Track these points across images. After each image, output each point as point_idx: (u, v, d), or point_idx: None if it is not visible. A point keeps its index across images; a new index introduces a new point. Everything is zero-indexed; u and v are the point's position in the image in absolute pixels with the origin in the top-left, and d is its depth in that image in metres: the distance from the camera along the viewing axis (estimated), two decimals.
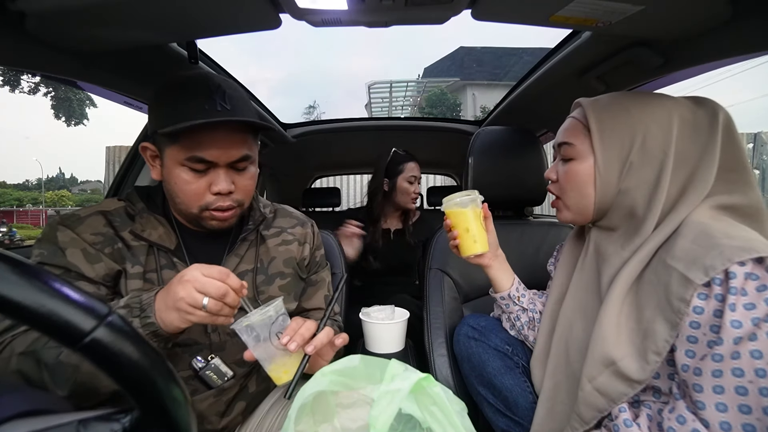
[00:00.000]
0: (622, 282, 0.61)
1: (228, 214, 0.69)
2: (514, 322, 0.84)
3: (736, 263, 0.49)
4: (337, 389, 0.51)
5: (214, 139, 0.63)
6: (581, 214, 0.70)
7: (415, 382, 0.44)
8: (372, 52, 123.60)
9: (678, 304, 0.53)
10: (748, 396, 0.47)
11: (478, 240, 0.77)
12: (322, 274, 0.89)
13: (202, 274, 0.54)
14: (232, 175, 0.67)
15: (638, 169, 0.62)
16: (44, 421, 0.29)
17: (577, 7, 0.64)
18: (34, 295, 0.25)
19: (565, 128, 0.71)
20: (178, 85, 0.66)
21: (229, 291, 0.55)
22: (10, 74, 11.73)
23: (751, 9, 0.62)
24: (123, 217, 0.69)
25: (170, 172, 0.66)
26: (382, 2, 0.65)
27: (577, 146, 0.67)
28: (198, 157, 0.63)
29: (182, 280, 0.54)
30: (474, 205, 0.77)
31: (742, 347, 0.47)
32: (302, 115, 21.50)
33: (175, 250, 0.70)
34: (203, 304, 0.53)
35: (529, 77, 1.22)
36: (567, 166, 0.69)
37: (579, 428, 0.63)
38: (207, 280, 0.54)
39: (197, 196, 0.66)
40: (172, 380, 0.30)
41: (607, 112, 0.65)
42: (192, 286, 0.54)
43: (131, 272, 0.66)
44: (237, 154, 0.66)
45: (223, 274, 0.56)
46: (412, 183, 1.63)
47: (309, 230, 0.87)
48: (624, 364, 0.57)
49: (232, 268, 0.73)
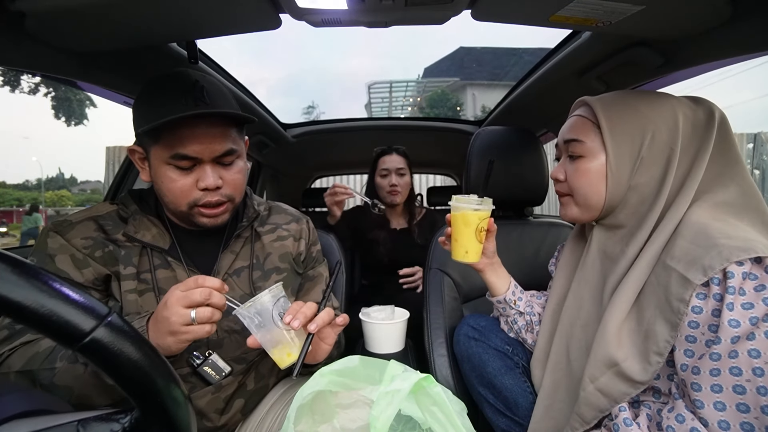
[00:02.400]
0: (631, 285, 0.60)
1: (218, 210, 0.69)
2: (512, 325, 0.84)
3: (734, 263, 0.49)
4: (336, 389, 0.51)
5: (194, 134, 0.63)
6: (589, 211, 0.69)
7: (415, 382, 0.44)
8: (372, 52, 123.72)
9: (677, 304, 0.53)
10: (746, 395, 0.47)
11: (470, 251, 0.75)
12: (319, 269, 0.89)
13: (180, 291, 0.55)
14: (219, 171, 0.67)
15: (648, 164, 0.63)
16: (44, 421, 0.29)
17: (577, 7, 0.64)
18: (34, 296, 0.25)
19: (571, 126, 0.70)
20: (155, 85, 0.66)
21: (212, 292, 0.55)
22: (10, 74, 11.73)
23: (751, 9, 0.62)
24: (115, 220, 0.70)
25: (157, 172, 0.66)
26: (382, 2, 0.65)
27: (587, 143, 0.66)
28: (181, 154, 0.63)
29: (165, 304, 0.55)
30: (481, 214, 0.74)
31: (740, 346, 0.48)
32: (302, 115, 21.51)
33: (170, 249, 0.70)
34: (192, 318, 0.53)
35: (529, 77, 1.22)
36: (577, 164, 0.68)
37: (579, 428, 0.63)
38: (187, 292, 0.54)
39: (184, 194, 0.66)
40: (172, 380, 0.30)
41: (616, 109, 0.65)
42: (177, 305, 0.53)
43: (124, 273, 0.66)
44: (220, 148, 0.66)
45: (199, 280, 0.56)
46: (385, 176, 1.60)
47: (304, 226, 0.87)
48: (627, 365, 0.57)
49: (227, 264, 0.73)
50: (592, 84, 0.99)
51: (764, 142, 6.77)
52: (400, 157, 1.60)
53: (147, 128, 0.60)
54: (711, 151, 0.59)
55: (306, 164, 2.40)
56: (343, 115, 4.23)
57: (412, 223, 1.65)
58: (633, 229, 0.64)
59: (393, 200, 1.60)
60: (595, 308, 0.67)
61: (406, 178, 1.61)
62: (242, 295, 0.73)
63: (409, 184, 1.64)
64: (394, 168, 1.58)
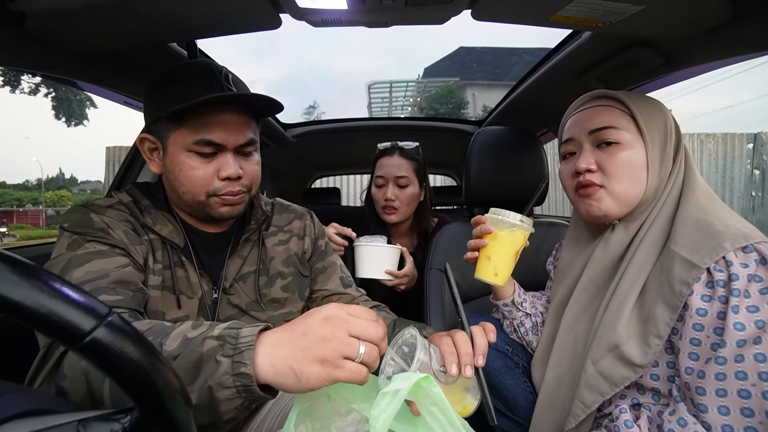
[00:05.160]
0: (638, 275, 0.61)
1: (237, 198, 0.67)
2: (517, 327, 0.83)
3: (735, 250, 0.51)
4: (333, 395, 0.51)
5: (221, 120, 0.62)
6: (626, 205, 0.65)
7: (415, 382, 0.44)
8: (372, 52, 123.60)
9: (680, 287, 0.53)
10: (751, 399, 0.47)
11: (501, 272, 0.70)
12: (329, 259, 0.86)
13: (349, 314, 0.43)
14: (239, 160, 0.66)
15: (667, 160, 0.64)
16: (44, 421, 0.29)
17: (577, 7, 0.64)
18: (34, 295, 0.25)
19: (598, 113, 0.66)
20: (180, 70, 0.65)
21: (385, 337, 0.44)
22: (10, 74, 11.72)
23: (751, 9, 0.62)
24: (135, 211, 0.67)
25: (175, 159, 0.64)
26: (382, 2, 0.65)
27: (623, 131, 0.64)
28: (206, 140, 0.62)
29: (326, 320, 0.42)
30: (527, 233, 0.69)
31: (746, 350, 0.48)
32: (302, 115, 21.51)
33: (184, 248, 0.68)
34: (360, 353, 0.41)
35: (529, 77, 1.22)
36: (614, 152, 0.64)
37: (581, 415, 0.62)
38: (359, 319, 0.43)
39: (204, 182, 0.64)
40: (173, 381, 0.30)
41: (641, 102, 0.66)
42: (344, 328, 0.42)
43: (152, 267, 0.64)
44: (244, 137, 0.65)
45: (373, 314, 0.45)
46: (381, 187, 1.20)
47: (308, 222, 0.84)
48: (627, 348, 0.58)
49: (236, 269, 0.72)
50: (592, 84, 0.99)
51: (764, 142, 6.77)
52: (405, 160, 1.20)
53: (177, 108, 0.58)
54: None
55: (306, 164, 2.40)
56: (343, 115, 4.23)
57: (423, 240, 1.26)
58: (644, 226, 0.64)
59: (387, 219, 1.20)
60: (602, 303, 0.67)
61: (409, 189, 1.19)
62: (248, 302, 0.72)
63: (414, 197, 1.20)
64: (392, 175, 1.18)
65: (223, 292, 0.70)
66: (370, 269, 0.98)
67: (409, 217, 1.25)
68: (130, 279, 0.59)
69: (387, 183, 1.20)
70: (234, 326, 0.45)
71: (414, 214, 1.26)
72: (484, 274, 0.71)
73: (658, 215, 0.63)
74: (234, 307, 0.71)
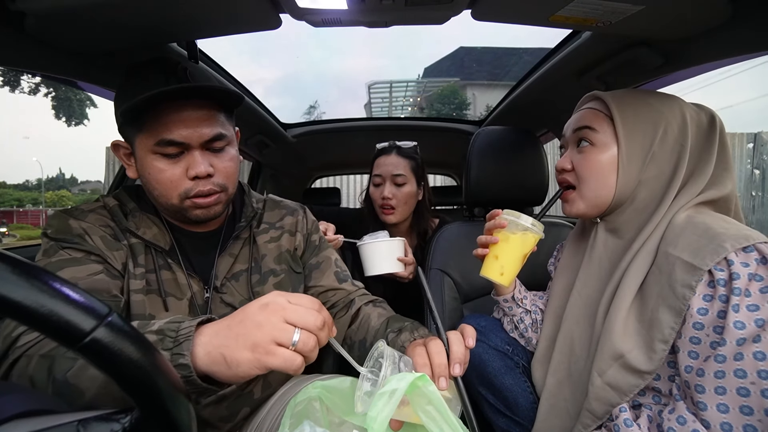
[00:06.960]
0: (634, 278, 0.61)
1: (211, 199, 0.64)
2: (517, 324, 0.83)
3: (736, 250, 0.51)
4: (326, 402, 0.51)
5: (180, 118, 0.60)
6: (596, 206, 0.68)
7: (411, 381, 0.44)
8: (371, 52, 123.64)
9: (683, 290, 0.53)
10: (750, 397, 0.47)
11: (507, 272, 0.71)
12: (324, 254, 0.84)
13: (288, 301, 0.44)
14: (209, 157, 0.63)
15: (659, 160, 0.63)
16: (44, 421, 0.29)
17: (577, 7, 0.64)
18: (34, 295, 0.25)
19: (582, 116, 0.69)
20: (135, 71, 0.64)
21: (325, 324, 0.44)
22: (10, 74, 11.72)
23: (751, 9, 0.62)
24: (119, 215, 0.67)
25: (143, 163, 0.62)
26: (382, 2, 0.65)
27: (599, 132, 0.66)
28: (167, 140, 0.59)
29: (264, 307, 0.43)
30: (538, 237, 0.70)
31: (745, 348, 0.48)
32: (302, 115, 21.51)
33: (170, 251, 0.68)
34: (294, 340, 0.41)
35: (529, 77, 1.22)
36: (587, 155, 0.67)
37: (591, 424, 0.62)
38: (298, 307, 0.43)
39: (174, 184, 0.62)
40: (173, 380, 0.30)
41: (629, 102, 0.66)
42: (278, 314, 0.42)
43: (133, 272, 0.64)
44: (209, 132, 0.62)
45: (316, 303, 0.45)
46: (378, 185, 1.22)
47: (300, 217, 0.83)
48: (632, 356, 0.58)
49: (226, 268, 0.71)
50: (592, 84, 0.99)
51: (764, 142, 6.77)
52: (402, 159, 1.21)
53: (126, 107, 0.56)
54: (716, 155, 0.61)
55: (306, 164, 2.40)
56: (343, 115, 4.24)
57: (424, 240, 1.27)
58: (639, 225, 0.64)
59: (386, 219, 1.20)
60: (600, 306, 0.67)
61: (406, 188, 1.20)
62: (241, 300, 0.71)
63: (411, 195, 1.21)
64: (389, 174, 1.19)
65: (214, 291, 0.70)
66: (381, 264, 0.96)
67: (407, 216, 1.25)
68: (101, 287, 0.59)
69: (384, 182, 1.21)
70: (175, 320, 0.46)
71: (413, 214, 1.27)
72: (489, 272, 0.72)
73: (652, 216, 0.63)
74: (227, 305, 0.70)
